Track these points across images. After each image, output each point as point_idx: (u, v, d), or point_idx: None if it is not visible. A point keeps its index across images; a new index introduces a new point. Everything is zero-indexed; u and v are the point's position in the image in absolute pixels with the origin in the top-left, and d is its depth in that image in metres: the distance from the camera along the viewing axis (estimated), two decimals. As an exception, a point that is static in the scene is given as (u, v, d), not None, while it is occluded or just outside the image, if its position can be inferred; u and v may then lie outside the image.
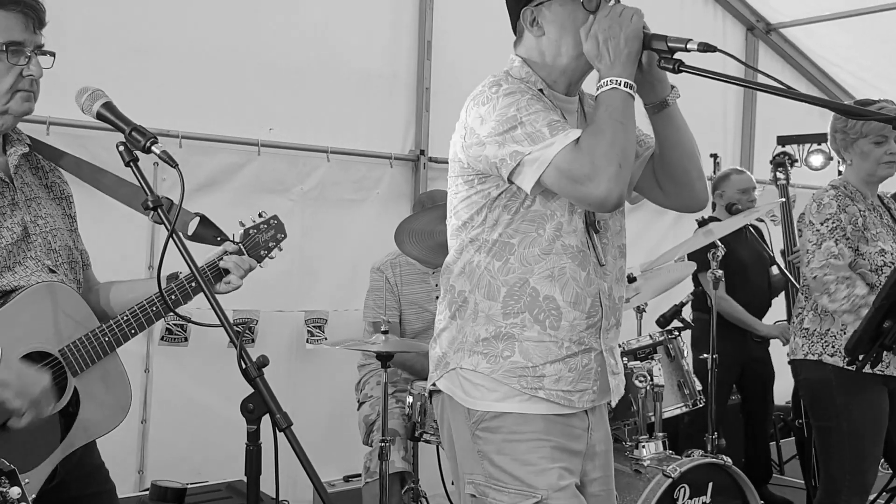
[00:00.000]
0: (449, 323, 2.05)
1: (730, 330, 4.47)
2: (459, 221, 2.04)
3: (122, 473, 3.86)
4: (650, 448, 3.33)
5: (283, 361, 4.32)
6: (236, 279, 2.10)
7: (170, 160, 1.72)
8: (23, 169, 2.02)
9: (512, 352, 1.97)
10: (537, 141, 1.85)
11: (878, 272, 3.04)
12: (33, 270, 1.92)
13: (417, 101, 4.85)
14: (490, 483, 1.97)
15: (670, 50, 1.87)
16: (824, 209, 3.10)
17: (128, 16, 3.86)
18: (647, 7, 2.01)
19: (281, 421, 1.56)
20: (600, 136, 1.82)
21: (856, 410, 3.06)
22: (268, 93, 4.29)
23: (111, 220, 3.65)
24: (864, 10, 5.80)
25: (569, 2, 1.97)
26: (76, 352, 1.91)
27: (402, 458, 3.48)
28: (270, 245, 2.22)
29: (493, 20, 2.20)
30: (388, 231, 3.59)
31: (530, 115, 1.87)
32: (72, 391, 1.91)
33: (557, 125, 1.86)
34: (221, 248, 2.12)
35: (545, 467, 1.94)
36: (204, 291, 1.69)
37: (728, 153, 6.37)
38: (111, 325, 1.95)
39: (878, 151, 3.12)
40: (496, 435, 1.97)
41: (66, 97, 1.95)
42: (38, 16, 1.93)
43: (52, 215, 2.02)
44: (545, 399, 1.96)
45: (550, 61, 2.02)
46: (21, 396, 1.77)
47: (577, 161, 1.81)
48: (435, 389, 2.09)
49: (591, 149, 1.81)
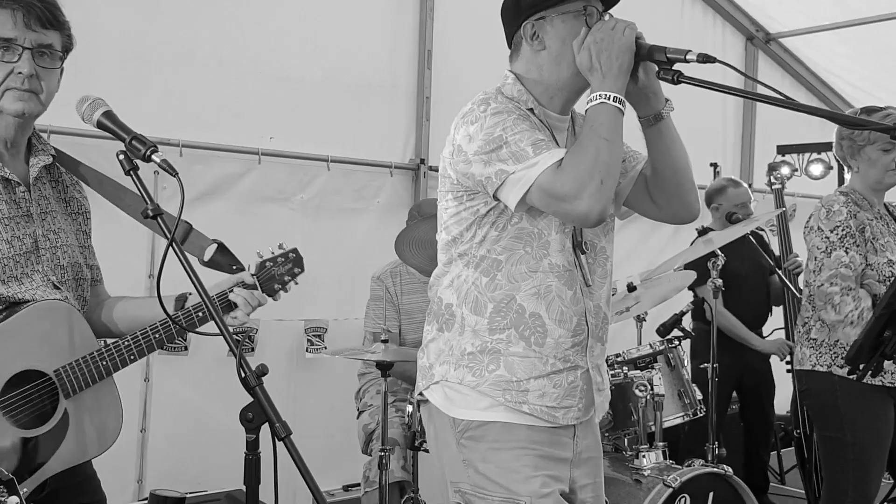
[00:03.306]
0: (436, 335, 2.07)
1: (729, 339, 4.47)
2: (449, 236, 2.05)
3: (121, 482, 3.84)
4: (650, 457, 3.32)
5: (282, 370, 4.32)
6: (243, 315, 2.04)
7: (170, 169, 1.72)
8: (42, 181, 2.00)
9: (497, 366, 1.98)
10: (521, 160, 1.86)
11: (886, 283, 3.01)
12: (38, 284, 1.91)
13: (417, 110, 4.86)
14: (476, 491, 1.98)
15: (669, 61, 1.88)
16: (834, 216, 3.05)
17: (128, 25, 3.87)
18: (646, 17, 2.02)
19: (280, 430, 1.55)
20: (583, 153, 1.84)
21: (861, 421, 3.04)
22: (268, 101, 4.30)
23: (112, 228, 3.64)
24: (863, 21, 5.82)
25: (571, 18, 1.98)
26: (71, 374, 1.88)
27: (401, 467, 3.47)
28: (286, 279, 2.14)
29: (493, 30, 2.20)
30: (388, 240, 3.59)
31: (515, 135, 1.88)
32: (62, 413, 1.88)
33: (542, 144, 1.88)
34: (235, 276, 2.07)
35: (529, 475, 1.95)
36: (214, 318, 1.67)
37: (728, 163, 6.38)
38: (110, 349, 1.92)
39: (887, 159, 3.09)
40: (480, 444, 1.98)
41: (67, 106, 1.95)
42: (36, 13, 1.87)
43: (64, 230, 2.01)
44: (528, 413, 1.98)
45: (549, 76, 2.02)
46: None
47: (559, 180, 1.83)
48: (422, 399, 2.10)
49: (573, 166, 1.83)
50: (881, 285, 3.01)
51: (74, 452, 1.92)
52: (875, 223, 3.08)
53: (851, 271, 3.00)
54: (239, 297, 2.04)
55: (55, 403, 1.88)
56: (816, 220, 3.11)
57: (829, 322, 3.06)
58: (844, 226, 3.03)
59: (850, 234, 3.02)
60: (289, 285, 2.16)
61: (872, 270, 3.03)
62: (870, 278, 3.04)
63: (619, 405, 3.44)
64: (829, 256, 3.03)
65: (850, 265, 3.00)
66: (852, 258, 3.01)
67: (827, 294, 3.02)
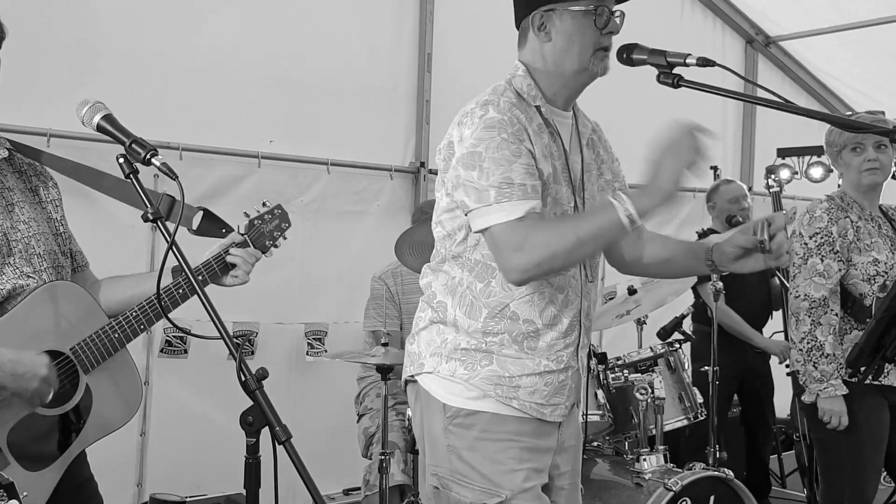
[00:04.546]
0: (429, 324, 2.07)
1: (729, 342, 4.46)
2: (444, 231, 2.06)
3: (121, 486, 3.84)
4: (651, 461, 3.32)
5: (282, 374, 4.32)
6: (243, 273, 2.10)
7: (170, 172, 1.72)
8: (4, 174, 2.00)
9: (490, 362, 1.99)
10: (481, 201, 1.88)
11: (871, 281, 3.02)
12: (10, 278, 1.91)
13: (417, 114, 4.86)
14: (455, 477, 1.99)
15: (669, 65, 1.88)
16: (815, 222, 3.09)
17: (128, 28, 3.88)
18: (646, 20, 2.02)
19: (280, 433, 1.55)
20: (559, 238, 1.84)
21: (856, 422, 3.05)
22: (268, 105, 4.31)
23: (111, 228, 3.66)
24: (863, 24, 5.83)
25: (580, 16, 1.98)
26: (87, 349, 1.93)
27: (401, 470, 3.47)
28: (275, 235, 2.21)
29: (492, 33, 2.21)
30: (388, 243, 3.59)
31: (490, 165, 1.88)
32: (84, 388, 1.93)
33: (506, 191, 1.86)
34: (227, 239, 2.12)
35: (513, 468, 1.97)
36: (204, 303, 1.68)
37: (728, 166, 6.38)
38: (120, 322, 1.96)
39: (858, 160, 3.13)
40: (469, 431, 1.99)
41: (67, 109, 1.95)
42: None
43: (35, 220, 2.00)
44: (518, 409, 2.00)
45: (553, 69, 2.03)
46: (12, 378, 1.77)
47: (510, 237, 1.86)
48: (411, 380, 2.11)
49: (542, 237, 1.84)
50: (866, 284, 3.03)
51: (101, 425, 1.97)
52: (864, 225, 3.09)
53: (825, 280, 3.02)
54: (236, 256, 2.09)
55: (74, 381, 1.92)
56: (799, 226, 3.15)
57: (793, 333, 3.12)
58: (824, 233, 3.05)
59: (828, 241, 3.04)
60: (279, 241, 2.22)
61: (856, 270, 3.05)
62: (854, 278, 3.06)
63: (619, 408, 3.44)
64: (805, 263, 3.07)
65: (825, 273, 3.03)
66: (828, 266, 3.03)
67: (798, 307, 3.08)
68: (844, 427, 3.00)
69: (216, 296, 1.80)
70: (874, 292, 3.01)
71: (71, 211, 2.17)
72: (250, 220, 2.18)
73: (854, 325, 3.06)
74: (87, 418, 1.94)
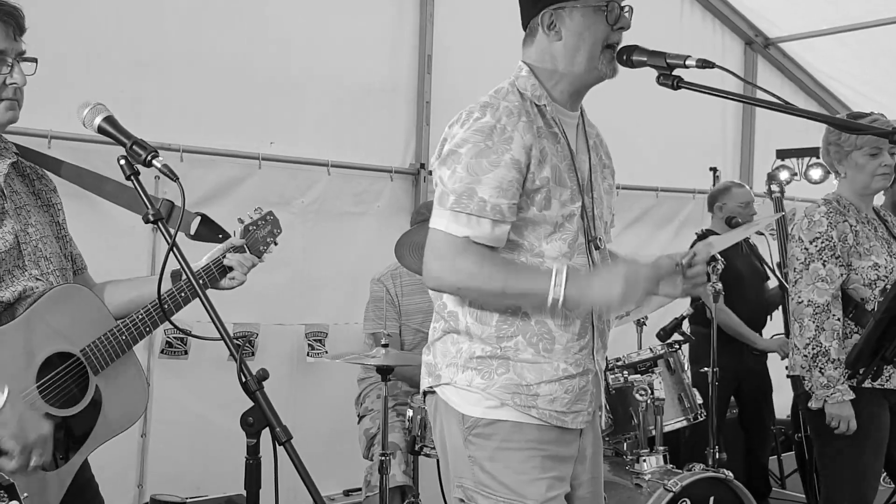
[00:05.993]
0: (443, 335, 2.06)
1: (727, 343, 4.46)
2: None
3: (122, 488, 3.83)
4: (651, 462, 3.32)
5: (283, 375, 4.32)
6: (240, 275, 2.16)
7: (171, 174, 1.73)
8: (11, 178, 2.02)
9: (507, 370, 1.97)
10: (440, 202, 1.92)
11: (872, 286, 3.01)
12: (20, 280, 1.93)
13: (418, 115, 4.87)
14: (479, 489, 1.98)
15: (669, 67, 1.89)
16: (814, 227, 3.05)
17: (129, 30, 3.88)
18: (646, 22, 2.02)
19: (281, 434, 1.55)
20: (483, 278, 1.88)
21: (858, 426, 3.04)
22: (269, 107, 4.31)
23: (112, 231, 3.67)
24: (863, 25, 5.83)
25: (591, 12, 1.96)
26: (96, 351, 1.96)
27: (402, 471, 3.47)
28: (268, 241, 2.28)
29: (493, 34, 2.21)
30: (388, 244, 3.60)
31: (462, 171, 1.89)
32: (94, 389, 1.96)
33: (464, 202, 1.88)
34: (225, 243, 2.17)
35: (536, 477, 1.95)
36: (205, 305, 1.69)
37: (727, 167, 6.38)
38: (127, 324, 2.00)
39: (874, 164, 3.10)
40: (490, 441, 1.97)
41: (68, 111, 1.95)
42: (18, 22, 1.92)
43: (41, 223, 2.04)
44: (537, 417, 1.97)
45: (562, 68, 2.01)
46: (16, 439, 1.79)
47: (445, 249, 1.89)
48: (430, 391, 2.10)
49: (465, 264, 1.87)
50: (867, 289, 3.02)
51: (110, 425, 2.00)
52: (861, 228, 3.08)
53: (828, 285, 3.01)
54: (233, 260, 2.16)
55: (83, 383, 1.94)
56: (798, 230, 3.11)
57: (796, 339, 3.08)
58: (824, 237, 3.03)
59: (829, 246, 3.02)
60: (271, 246, 2.29)
61: (857, 275, 3.03)
62: (855, 283, 3.04)
63: (619, 409, 3.44)
64: (807, 269, 3.04)
65: (827, 279, 3.00)
66: (829, 271, 3.01)
67: (801, 313, 3.05)
68: (853, 432, 2.99)
69: (216, 297, 1.81)
70: (875, 297, 3.00)
71: (72, 213, 2.19)
72: (245, 225, 2.24)
73: (855, 330, 3.04)
74: (98, 419, 1.97)
